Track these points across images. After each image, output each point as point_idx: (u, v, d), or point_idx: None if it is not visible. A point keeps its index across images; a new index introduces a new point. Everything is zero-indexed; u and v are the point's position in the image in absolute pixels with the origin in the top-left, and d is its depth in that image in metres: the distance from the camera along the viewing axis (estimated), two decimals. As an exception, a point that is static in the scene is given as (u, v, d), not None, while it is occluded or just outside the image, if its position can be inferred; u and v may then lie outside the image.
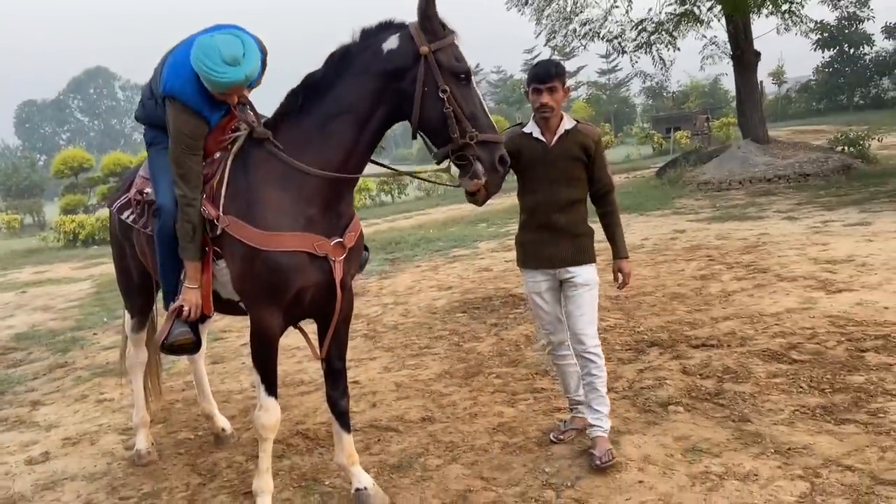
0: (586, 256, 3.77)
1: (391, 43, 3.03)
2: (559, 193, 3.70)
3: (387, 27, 3.08)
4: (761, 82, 19.18)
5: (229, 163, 3.23)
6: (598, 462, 3.56)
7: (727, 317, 5.83)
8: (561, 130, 3.68)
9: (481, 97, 3.08)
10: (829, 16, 34.50)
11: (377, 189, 21.63)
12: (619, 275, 3.87)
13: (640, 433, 3.93)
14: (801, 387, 4.29)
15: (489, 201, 3.36)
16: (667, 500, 3.24)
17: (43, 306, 10.58)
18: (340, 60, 3.11)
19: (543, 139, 3.69)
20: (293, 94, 3.21)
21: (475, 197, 3.16)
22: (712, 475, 3.40)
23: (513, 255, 4.11)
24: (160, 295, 3.73)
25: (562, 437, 3.95)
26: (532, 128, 3.71)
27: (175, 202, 3.24)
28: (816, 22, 18.10)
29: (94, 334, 8.15)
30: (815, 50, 44.29)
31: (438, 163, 3.07)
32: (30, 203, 35.61)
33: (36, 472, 4.39)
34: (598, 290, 3.79)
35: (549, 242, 3.75)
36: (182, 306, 3.27)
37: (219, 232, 3.16)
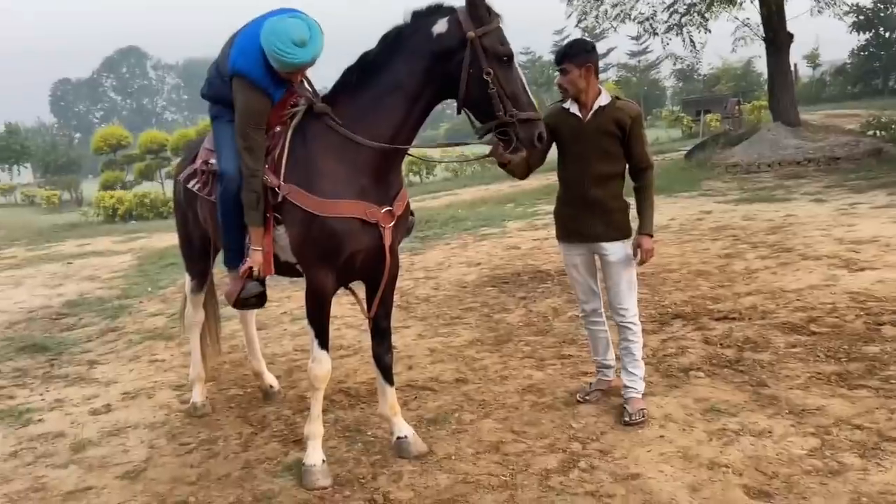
0: (619, 232, 3.87)
1: (440, 26, 3.25)
2: (593, 168, 3.82)
3: (436, 10, 3.30)
4: (795, 65, 19.07)
5: (290, 135, 3.52)
6: (628, 418, 3.82)
7: (749, 292, 6.04)
8: (595, 106, 3.79)
9: (523, 77, 3.29)
10: (867, -1, 33.91)
11: (406, 170, 21.92)
12: (639, 250, 3.89)
13: (662, 395, 4.19)
14: (818, 356, 4.51)
15: (511, 183, 3.67)
16: (685, 452, 3.50)
17: (89, 276, 11.06)
18: (393, 41, 3.36)
19: (579, 114, 3.82)
20: (349, 72, 3.48)
21: (512, 169, 3.44)
22: (729, 431, 3.66)
23: (541, 233, 4.37)
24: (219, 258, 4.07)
25: (587, 397, 4.21)
26: (571, 104, 3.86)
27: (237, 170, 3.55)
28: (851, 5, 17.90)
29: (141, 302, 8.57)
30: (850, 33, 43.48)
31: (480, 137, 3.34)
32: (68, 179, 36.54)
33: (100, 422, 4.77)
34: (633, 264, 3.91)
35: (582, 216, 3.90)
36: (251, 267, 3.59)
37: (280, 199, 3.46)
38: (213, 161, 3.86)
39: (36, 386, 5.67)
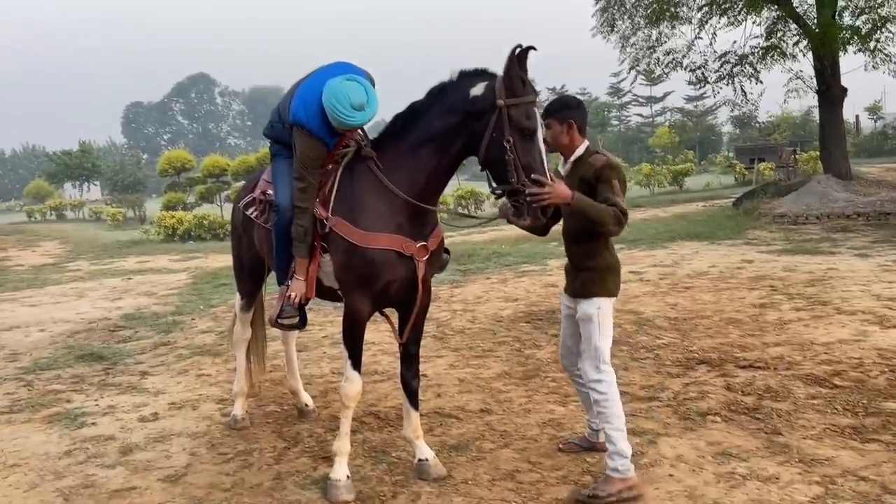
0: (587, 290, 3.74)
1: (478, 89, 3.54)
2: (567, 223, 3.84)
3: (480, 74, 3.59)
4: (857, 116, 18.90)
5: (339, 173, 3.91)
6: (587, 493, 3.62)
7: (778, 343, 6.12)
8: (570, 161, 3.79)
9: (542, 151, 3.50)
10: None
11: (454, 203, 22.32)
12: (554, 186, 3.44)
13: (676, 436, 4.34)
14: (836, 408, 4.59)
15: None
16: (691, 492, 3.65)
17: (146, 292, 11.64)
18: (436, 95, 3.71)
19: (563, 169, 3.87)
20: (396, 119, 3.86)
21: (530, 228, 3.68)
22: (737, 475, 3.79)
23: None
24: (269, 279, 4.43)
25: (563, 446, 4.25)
26: (561, 159, 3.93)
27: (291, 204, 3.94)
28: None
29: (192, 319, 9.02)
30: (914, 86, 42.51)
31: (497, 197, 3.68)
32: (133, 198, 38.14)
33: (147, 428, 5.12)
34: (595, 325, 3.68)
35: (567, 270, 3.95)
36: (291, 294, 3.94)
37: (327, 230, 3.82)
38: (270, 192, 4.26)
39: (91, 392, 6.09)
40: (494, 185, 3.58)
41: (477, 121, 3.52)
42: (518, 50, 3.39)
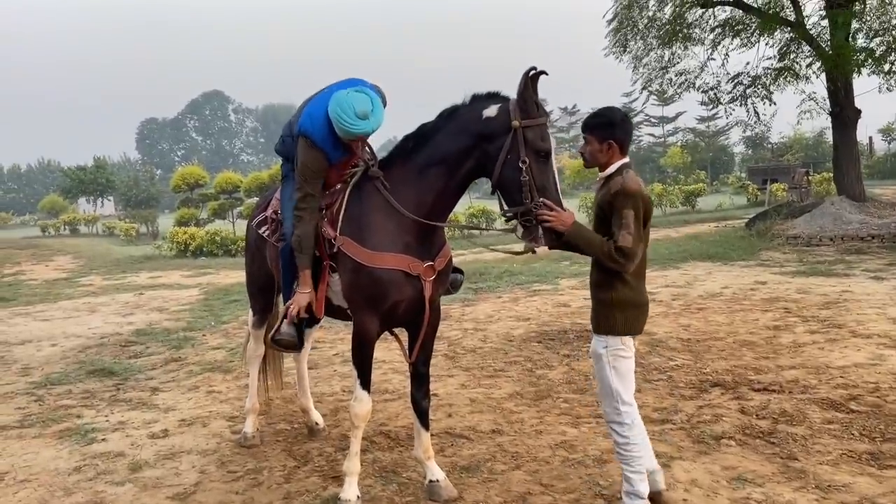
0: (595, 324, 3.56)
1: (491, 111, 3.53)
2: None
3: (493, 97, 3.59)
4: (870, 138, 18.84)
5: (347, 193, 3.91)
6: None
7: (793, 366, 6.05)
8: (599, 181, 3.61)
9: (556, 173, 3.50)
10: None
11: (466, 221, 22.30)
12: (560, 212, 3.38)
13: (690, 460, 4.28)
14: (853, 434, 4.52)
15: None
16: (706, 518, 3.59)
17: (158, 307, 11.69)
18: (448, 117, 3.71)
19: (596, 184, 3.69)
20: (406, 139, 3.85)
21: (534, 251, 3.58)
22: (752, 501, 3.73)
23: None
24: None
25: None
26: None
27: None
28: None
29: (203, 335, 9.04)
30: (929, 108, 42.42)
31: (507, 221, 3.60)
32: (146, 213, 38.43)
33: (157, 445, 5.11)
34: (604, 365, 3.49)
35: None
36: (292, 307, 3.95)
37: (335, 249, 3.81)
38: (280, 211, 4.27)
39: (102, 408, 6.09)
40: (506, 207, 3.53)
41: (490, 143, 3.51)
42: (532, 73, 3.39)
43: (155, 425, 5.55)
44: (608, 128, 3.48)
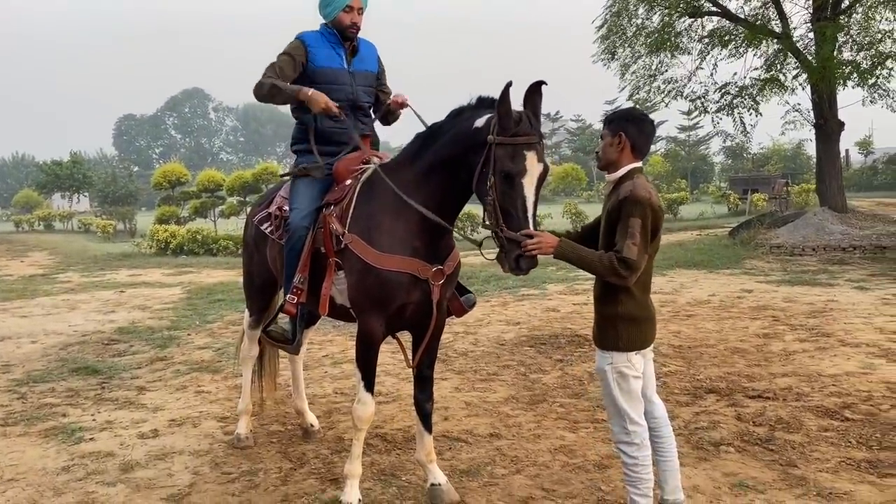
0: (598, 340, 3.38)
1: (481, 121, 3.34)
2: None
3: (493, 104, 3.32)
4: (847, 151, 19.12)
5: (357, 190, 3.84)
6: None
7: (785, 374, 6.08)
8: (608, 183, 3.40)
9: (527, 199, 3.16)
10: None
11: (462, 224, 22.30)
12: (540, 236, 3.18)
13: (691, 466, 4.26)
14: (850, 441, 4.54)
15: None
16: (711, 524, 3.58)
17: (140, 305, 11.50)
18: (453, 119, 3.59)
19: (604, 188, 3.50)
20: (417, 138, 3.78)
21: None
22: (755, 508, 3.73)
23: (580, 298, 4.29)
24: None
25: None
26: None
27: (304, 223, 3.92)
28: (906, 96, 17.94)
29: (189, 335, 8.90)
30: (905, 122, 43.21)
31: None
32: (123, 210, 37.87)
33: (148, 445, 5.00)
34: (609, 382, 3.32)
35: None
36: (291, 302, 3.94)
37: (343, 246, 3.74)
38: (286, 208, 4.20)
39: (88, 406, 5.96)
40: (487, 221, 3.31)
41: (474, 154, 3.32)
42: (511, 84, 3.15)
43: (144, 425, 5.44)
44: (622, 121, 3.31)
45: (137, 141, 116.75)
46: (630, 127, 3.29)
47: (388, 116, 4.43)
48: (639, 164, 3.34)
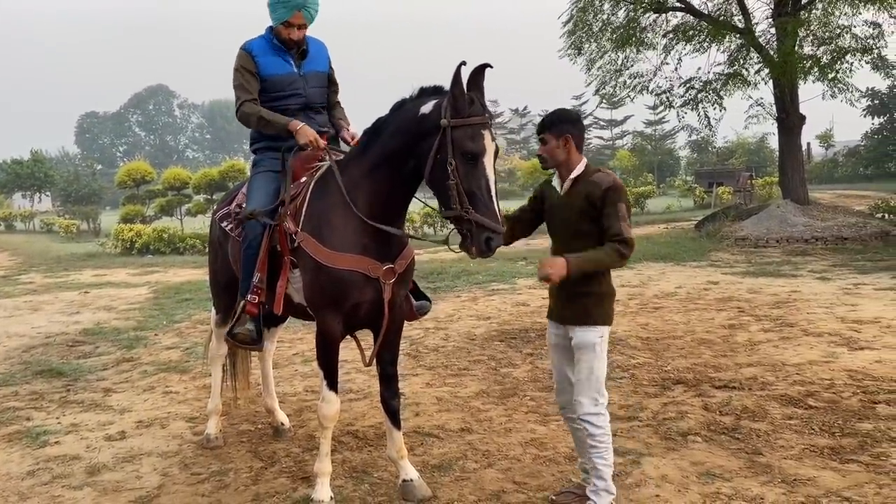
0: (587, 317, 3.50)
1: (427, 108, 3.34)
2: (565, 246, 3.49)
3: (435, 91, 3.39)
4: (808, 144, 19.51)
5: (311, 187, 3.83)
6: None
7: (750, 364, 6.20)
8: (570, 179, 3.52)
9: (490, 178, 3.21)
10: (882, 83, 34.56)
11: (420, 221, 22.25)
12: (544, 265, 3.33)
13: (659, 456, 4.33)
14: (813, 429, 4.65)
15: (527, 241, 3.77)
16: (679, 513, 3.64)
17: (105, 306, 11.31)
18: (395, 112, 3.56)
19: (558, 188, 3.61)
20: (363, 134, 3.75)
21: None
22: (722, 495, 3.79)
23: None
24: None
25: (555, 497, 3.83)
26: (556, 176, 3.64)
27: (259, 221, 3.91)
28: (865, 89, 18.33)
29: (156, 335, 8.78)
30: (864, 117, 44.24)
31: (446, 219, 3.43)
32: (87, 210, 37.13)
33: (115, 448, 4.93)
34: (597, 355, 3.49)
35: (557, 295, 3.63)
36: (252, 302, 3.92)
37: (296, 244, 3.72)
38: (244, 205, 4.16)
39: (52, 409, 5.85)
40: (443, 209, 3.31)
41: (424, 141, 3.32)
42: (463, 66, 3.17)
43: (111, 427, 5.36)
44: (563, 123, 3.49)
45: (101, 139, 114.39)
46: (572, 128, 3.50)
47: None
48: (585, 159, 3.56)
